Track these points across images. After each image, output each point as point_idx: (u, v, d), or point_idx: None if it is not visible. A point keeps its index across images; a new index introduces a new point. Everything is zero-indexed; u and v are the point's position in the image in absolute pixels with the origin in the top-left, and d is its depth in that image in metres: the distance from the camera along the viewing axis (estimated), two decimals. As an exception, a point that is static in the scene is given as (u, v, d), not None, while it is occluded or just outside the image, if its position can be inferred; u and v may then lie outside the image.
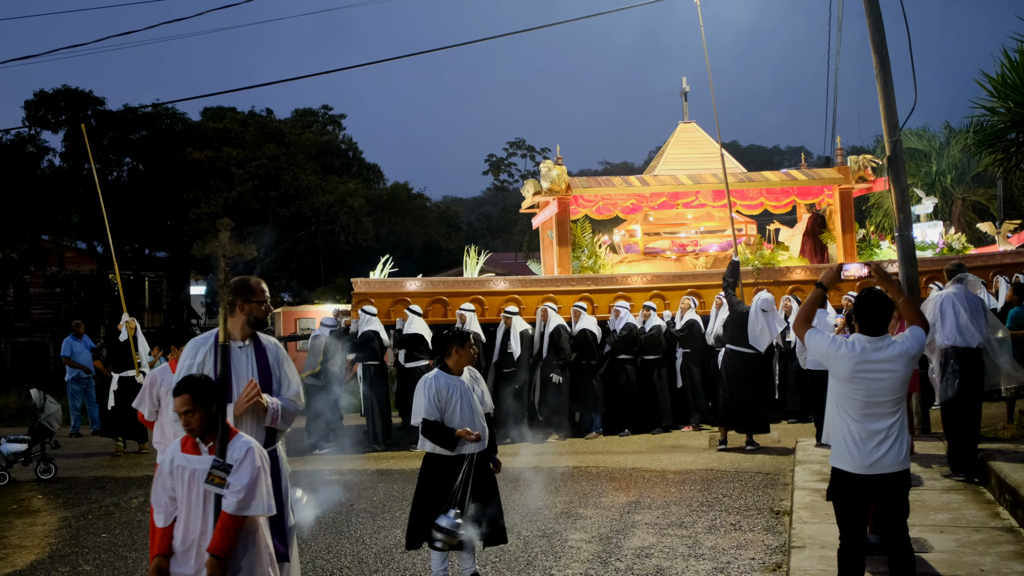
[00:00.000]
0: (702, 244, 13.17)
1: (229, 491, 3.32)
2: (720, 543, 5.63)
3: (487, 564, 5.37)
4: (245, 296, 3.81)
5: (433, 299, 11.13)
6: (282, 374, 3.86)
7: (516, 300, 11.17)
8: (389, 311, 10.98)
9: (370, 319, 10.47)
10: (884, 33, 8.60)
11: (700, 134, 14.20)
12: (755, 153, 50.37)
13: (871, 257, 13.02)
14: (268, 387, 3.79)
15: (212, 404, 3.40)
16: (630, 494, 7.23)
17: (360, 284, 11.17)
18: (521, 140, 44.84)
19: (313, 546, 6.02)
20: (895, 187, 8.54)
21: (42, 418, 9.30)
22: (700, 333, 10.66)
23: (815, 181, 13.04)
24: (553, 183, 12.03)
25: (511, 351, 10.27)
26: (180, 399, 3.38)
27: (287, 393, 3.86)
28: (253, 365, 3.79)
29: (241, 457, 3.37)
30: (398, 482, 8.19)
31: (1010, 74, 7.75)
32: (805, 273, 11.93)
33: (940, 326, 6.63)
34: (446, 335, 4.86)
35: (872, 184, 13.15)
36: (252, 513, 3.36)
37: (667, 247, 13.10)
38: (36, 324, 26.20)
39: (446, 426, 4.62)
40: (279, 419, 3.77)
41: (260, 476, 3.38)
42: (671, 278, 11.83)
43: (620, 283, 11.65)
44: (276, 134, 25.27)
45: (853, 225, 12.94)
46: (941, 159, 18.83)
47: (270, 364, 3.83)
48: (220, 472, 3.32)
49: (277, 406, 3.75)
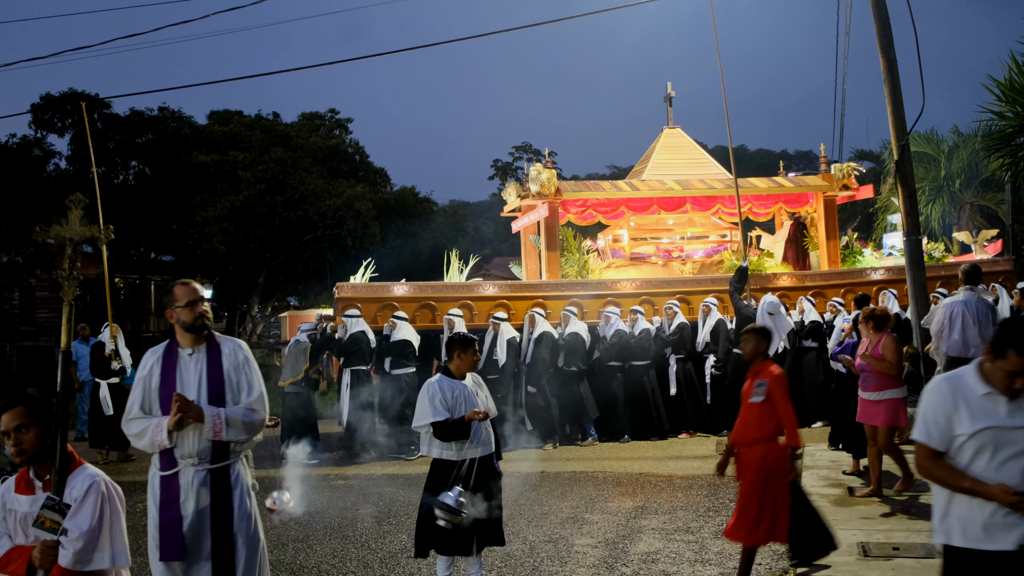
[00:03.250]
0: (687, 250, 13.17)
1: (66, 539, 2.73)
2: (727, 548, 5.60)
3: (493, 569, 5.35)
4: (169, 303, 3.59)
5: (421, 304, 10.90)
6: (241, 381, 3.55)
7: (505, 305, 11.03)
8: (376, 316, 10.68)
9: (356, 321, 10.13)
10: (892, 37, 8.57)
11: (685, 139, 14.21)
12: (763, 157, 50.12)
13: (853, 264, 13.07)
14: (220, 396, 3.49)
15: (51, 423, 2.88)
16: (636, 499, 7.20)
17: (346, 288, 10.87)
18: (527, 144, 44.79)
19: (319, 551, 6.01)
20: (903, 191, 8.51)
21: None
22: (690, 337, 10.60)
23: (800, 188, 13.18)
24: (543, 186, 11.94)
25: (496, 358, 10.05)
26: (11, 414, 2.85)
27: (246, 401, 3.53)
28: (203, 373, 3.51)
29: (81, 495, 2.77)
30: (403, 486, 8.17)
31: (1018, 78, 7.74)
32: (791, 280, 11.93)
33: (947, 335, 6.60)
34: (451, 339, 4.85)
35: (855, 192, 13.22)
36: (96, 567, 2.78)
37: (652, 252, 13.08)
38: (41, 328, 26.26)
39: (457, 420, 4.60)
40: (224, 431, 3.42)
41: (106, 519, 2.79)
42: (660, 283, 11.82)
43: (609, 288, 11.60)
44: (283, 137, 25.31)
45: (837, 232, 13.08)
46: (950, 163, 18.76)
47: (224, 371, 3.53)
48: (52, 514, 2.70)
49: (220, 417, 3.42)
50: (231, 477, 3.49)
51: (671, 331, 10.62)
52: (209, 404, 3.46)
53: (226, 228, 22.59)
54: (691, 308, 11.19)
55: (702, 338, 10.49)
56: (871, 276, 12.18)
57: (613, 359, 10.47)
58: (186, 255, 25.28)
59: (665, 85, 14.14)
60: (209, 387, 3.49)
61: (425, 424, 4.65)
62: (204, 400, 3.47)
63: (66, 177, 24.47)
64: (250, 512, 3.53)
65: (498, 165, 44.61)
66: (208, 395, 3.49)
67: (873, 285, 11.75)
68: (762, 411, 4.62)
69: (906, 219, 8.54)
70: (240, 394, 3.55)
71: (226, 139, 24.98)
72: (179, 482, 3.43)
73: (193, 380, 3.50)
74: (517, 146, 45.15)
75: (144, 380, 3.53)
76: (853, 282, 12.12)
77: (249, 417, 3.50)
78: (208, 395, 3.49)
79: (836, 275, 12.41)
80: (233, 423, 3.45)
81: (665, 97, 14.15)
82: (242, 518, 3.48)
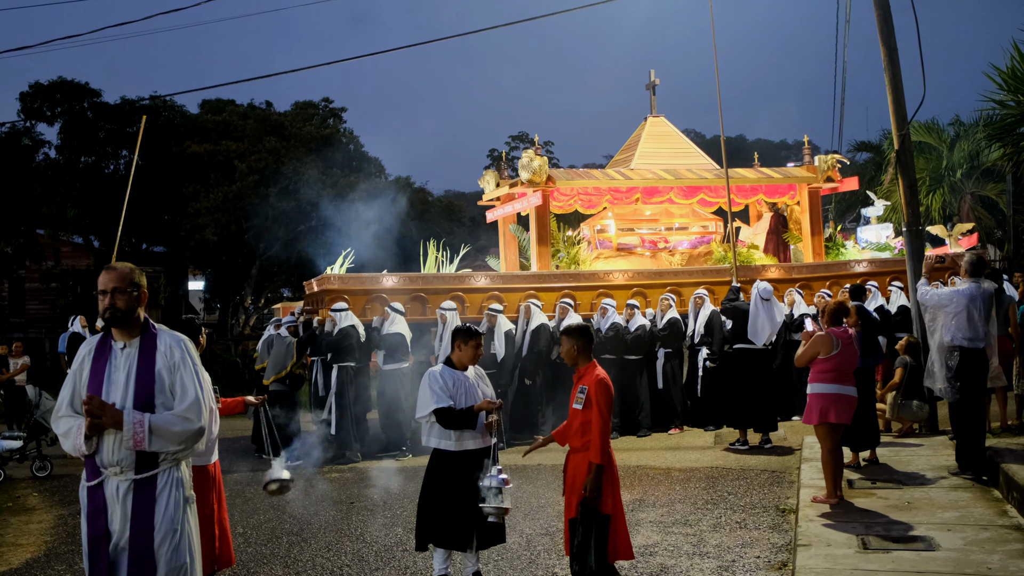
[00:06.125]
0: (672, 241, 13.05)
1: None
2: (725, 541, 5.55)
3: (489, 563, 5.29)
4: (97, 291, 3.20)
5: (412, 296, 10.65)
6: (175, 383, 3.10)
7: (498, 297, 10.83)
8: (365, 309, 10.27)
9: (345, 315, 9.66)
10: (892, 25, 8.49)
11: (670, 128, 14.06)
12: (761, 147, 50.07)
13: (837, 257, 13.04)
14: (149, 399, 3.05)
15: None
16: (634, 492, 7.14)
17: (333, 280, 10.42)
18: (524, 133, 44.58)
19: (313, 544, 5.94)
20: (904, 181, 8.44)
21: (38, 415, 9.21)
22: (681, 332, 10.49)
23: (785, 179, 13.11)
24: (534, 174, 11.71)
25: (494, 352, 9.72)
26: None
27: (178, 407, 3.07)
28: (131, 371, 3.08)
29: None
30: (398, 479, 8.10)
31: (1020, 67, 7.66)
32: (778, 272, 11.89)
33: (953, 323, 6.48)
34: (455, 329, 4.82)
35: (839, 184, 13.18)
36: None
37: (637, 244, 12.96)
38: (31, 320, 26.06)
39: (465, 409, 4.53)
40: (146, 440, 2.97)
41: None
42: (652, 275, 11.72)
43: (602, 280, 11.48)
44: (276, 127, 25.12)
45: (821, 225, 13.06)
46: (951, 153, 18.69)
47: (155, 371, 3.09)
48: None
49: (143, 425, 2.97)
50: (156, 488, 3.05)
51: (662, 326, 10.49)
52: (135, 407, 3.03)
53: (219, 219, 22.42)
54: (682, 300, 11.09)
55: (696, 330, 10.37)
56: (855, 268, 12.20)
57: (608, 353, 10.30)
58: (178, 246, 25.12)
59: (648, 73, 13.93)
60: (137, 388, 3.06)
61: (427, 413, 4.57)
62: (130, 402, 3.04)
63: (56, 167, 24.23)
64: (178, 530, 3.06)
65: (494, 155, 44.43)
66: (135, 397, 3.05)
67: (857, 277, 11.73)
68: (583, 418, 4.24)
69: (907, 210, 8.47)
70: (173, 398, 3.09)
71: (219, 129, 24.77)
72: (104, 493, 3.04)
73: (121, 378, 3.08)
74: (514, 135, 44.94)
75: (75, 374, 3.16)
76: (839, 274, 12.14)
77: (182, 426, 3.04)
78: (135, 397, 3.05)
79: (822, 267, 12.43)
80: (160, 432, 3.00)
81: (648, 85, 13.94)
82: (165, 538, 3.03)
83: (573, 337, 4.35)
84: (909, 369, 8.26)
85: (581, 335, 4.37)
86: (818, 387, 6.14)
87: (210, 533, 4.24)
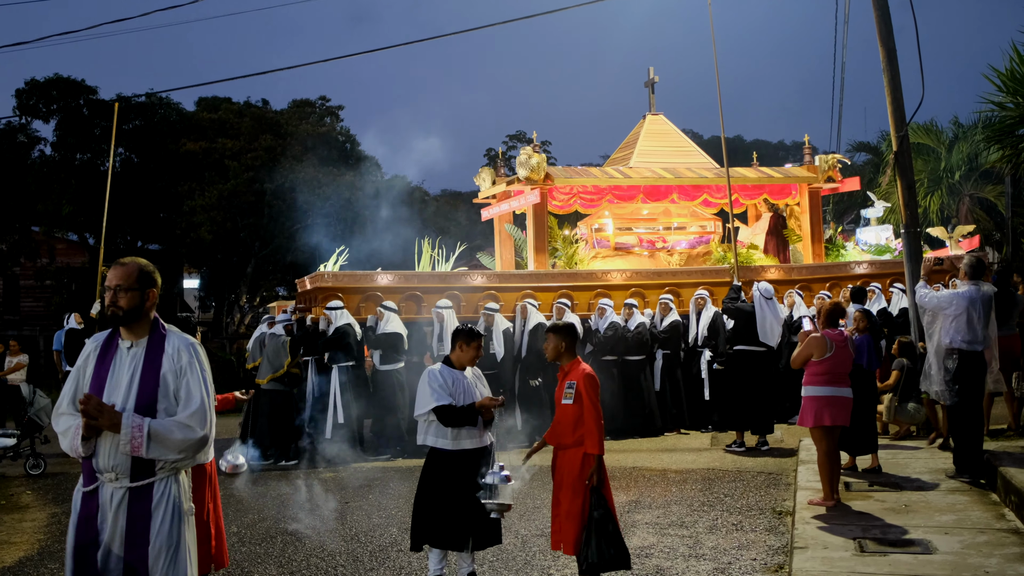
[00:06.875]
0: (670, 240, 13.01)
1: None
2: (721, 543, 5.53)
3: (484, 564, 5.26)
4: None
5: (406, 294, 10.54)
6: (180, 389, 2.94)
7: (494, 296, 10.74)
8: (359, 307, 10.24)
9: (341, 313, 9.57)
10: (891, 26, 8.48)
11: (669, 126, 14.00)
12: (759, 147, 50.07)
13: (837, 258, 13.03)
14: (152, 402, 2.91)
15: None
16: (630, 493, 7.12)
17: (327, 278, 10.34)
18: (521, 133, 44.50)
19: (307, 544, 5.90)
20: (902, 183, 8.44)
21: (32, 412, 9.14)
22: (682, 335, 10.42)
23: (785, 179, 13.08)
24: (532, 171, 11.63)
25: (493, 352, 9.60)
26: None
27: (182, 413, 2.91)
28: (136, 372, 2.93)
29: None
30: (393, 479, 8.07)
31: (1019, 68, 7.65)
32: (778, 273, 11.86)
33: (952, 325, 6.45)
34: (457, 329, 4.82)
35: (840, 184, 13.16)
36: None
37: (635, 243, 12.90)
38: (26, 317, 25.98)
39: (467, 407, 4.52)
40: (144, 446, 2.81)
41: None
42: (650, 275, 11.64)
43: (599, 279, 11.40)
44: (272, 125, 25.04)
45: (821, 225, 13.04)
46: (949, 155, 18.69)
47: (160, 373, 2.93)
48: None
49: (141, 430, 2.81)
50: (152, 500, 2.87)
51: (663, 328, 10.43)
52: (136, 411, 2.87)
53: (214, 217, 22.34)
54: (682, 301, 11.05)
55: (699, 332, 10.30)
56: (856, 270, 12.18)
57: (607, 354, 10.21)
58: (173, 244, 25.05)
59: (647, 70, 13.87)
60: (140, 390, 2.91)
61: (427, 410, 4.54)
62: (131, 405, 2.89)
63: (51, 164, 24.13)
64: (176, 543, 2.90)
65: (491, 154, 44.37)
66: (137, 400, 2.90)
67: (858, 279, 11.71)
68: (574, 413, 4.35)
69: (905, 211, 8.47)
70: (177, 404, 2.94)
71: (215, 126, 24.69)
72: (99, 500, 2.88)
73: (124, 379, 2.93)
74: (511, 135, 44.86)
75: (79, 371, 3.01)
76: (839, 276, 12.11)
77: (183, 434, 2.87)
78: (137, 400, 2.90)
79: (822, 268, 12.40)
80: (159, 439, 2.83)
81: (647, 83, 13.89)
82: (161, 553, 2.86)
83: (560, 334, 4.53)
84: (905, 371, 8.25)
85: (568, 332, 4.57)
86: (812, 389, 6.12)
87: (205, 533, 4.20)
